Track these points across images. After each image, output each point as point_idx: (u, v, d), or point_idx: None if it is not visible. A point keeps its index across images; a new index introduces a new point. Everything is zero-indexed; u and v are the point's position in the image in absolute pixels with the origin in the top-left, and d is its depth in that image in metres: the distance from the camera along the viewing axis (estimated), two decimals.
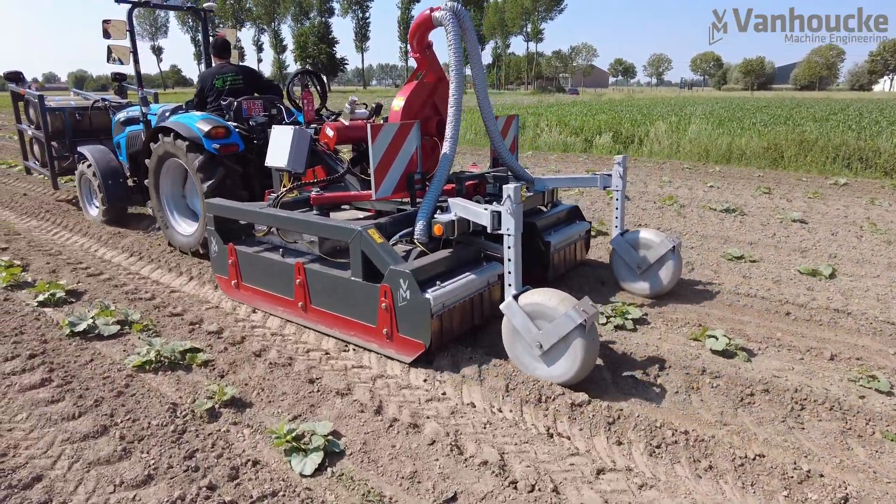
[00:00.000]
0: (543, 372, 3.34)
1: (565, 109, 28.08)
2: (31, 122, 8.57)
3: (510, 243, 3.31)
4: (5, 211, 8.47)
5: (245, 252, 4.63)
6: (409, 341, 3.60)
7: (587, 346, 3.15)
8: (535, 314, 3.29)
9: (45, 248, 6.43)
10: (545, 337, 3.23)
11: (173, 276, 5.53)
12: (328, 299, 4.05)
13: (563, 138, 17.05)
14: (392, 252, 3.67)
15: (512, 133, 5.34)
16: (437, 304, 3.49)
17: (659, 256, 4.67)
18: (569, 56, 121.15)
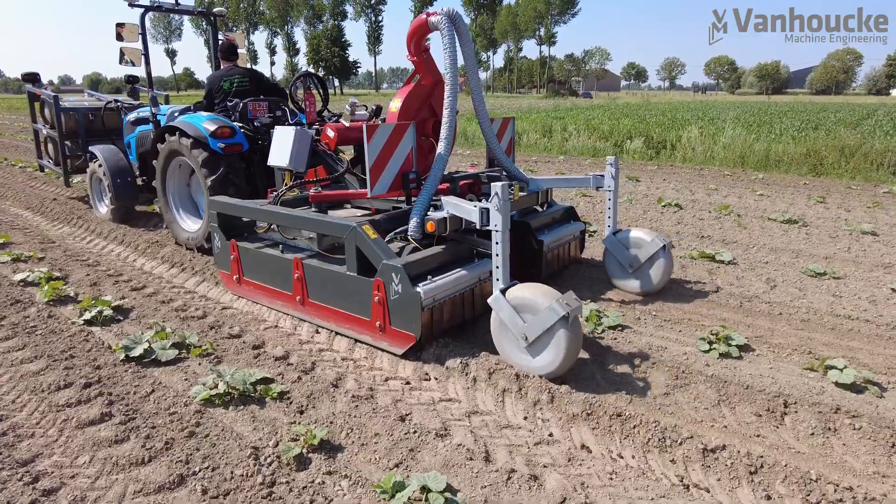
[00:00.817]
0: (529, 363, 3.41)
1: (587, 113, 27.70)
2: (46, 121, 8.77)
3: (498, 239, 3.39)
4: (36, 216, 8.19)
5: (246, 248, 4.77)
6: (401, 333, 3.71)
7: (570, 338, 3.22)
8: (521, 307, 3.37)
9: (83, 257, 6.11)
10: (530, 329, 3.31)
11: (220, 290, 5.17)
12: (324, 293, 4.19)
13: (593, 143, 16.66)
14: (385, 247, 3.79)
15: (508, 135, 5.44)
16: (428, 298, 3.59)
17: (650, 255, 4.74)
18: (582, 60, 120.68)
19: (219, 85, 6.28)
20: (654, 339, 4.09)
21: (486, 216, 3.44)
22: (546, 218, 5.30)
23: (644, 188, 10.49)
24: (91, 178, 7.84)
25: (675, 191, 10.33)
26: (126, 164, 7.38)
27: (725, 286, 5.26)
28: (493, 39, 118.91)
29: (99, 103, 8.72)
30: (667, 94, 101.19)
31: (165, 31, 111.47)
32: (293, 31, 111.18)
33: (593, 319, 4.24)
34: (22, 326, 4.22)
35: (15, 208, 8.61)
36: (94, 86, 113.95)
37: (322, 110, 6.35)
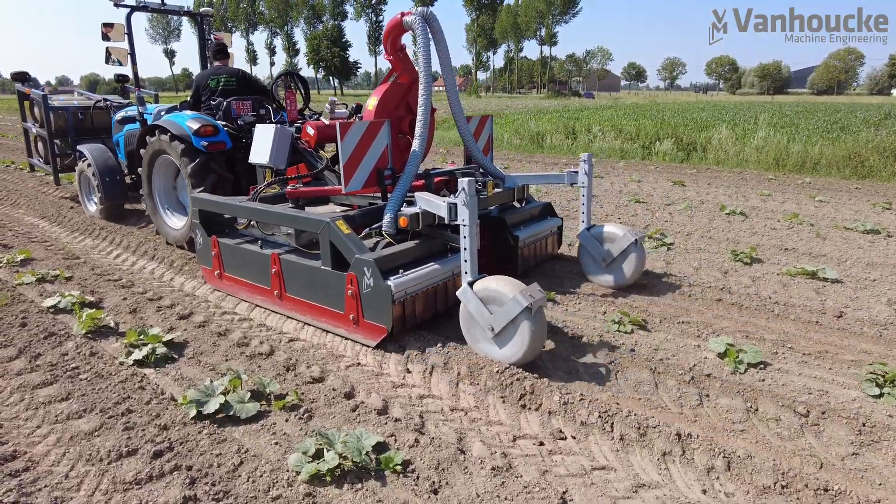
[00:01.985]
0: (496, 353, 3.50)
1: (599, 114, 27.15)
2: (36, 120, 8.84)
3: (465, 233, 3.47)
4: (54, 226, 7.55)
5: (227, 244, 4.84)
6: (374, 326, 3.81)
7: (533, 328, 3.30)
8: (488, 299, 3.45)
9: (113, 276, 5.45)
10: (496, 320, 3.41)
11: (279, 318, 4.50)
12: (301, 288, 4.28)
13: (620, 144, 16.07)
14: (358, 242, 3.87)
15: (486, 133, 5.50)
16: (399, 291, 3.70)
17: (622, 249, 4.80)
18: (583, 60, 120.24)
19: (206, 83, 6.35)
20: (807, 381, 3.49)
21: (454, 211, 3.53)
22: (524, 214, 5.39)
23: (693, 193, 9.90)
24: (80, 176, 7.87)
25: (728, 196, 9.73)
26: (114, 163, 7.43)
27: (849, 311, 4.66)
28: (494, 39, 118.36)
29: (88, 102, 8.75)
30: (668, 95, 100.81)
31: (164, 31, 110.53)
32: (293, 31, 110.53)
33: (732, 357, 3.69)
34: (62, 368, 3.57)
35: (30, 217, 7.95)
36: (91, 86, 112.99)
37: (303, 109, 6.46)
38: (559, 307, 4.66)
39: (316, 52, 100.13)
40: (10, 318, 4.28)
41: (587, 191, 4.92)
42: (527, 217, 5.43)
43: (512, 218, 5.18)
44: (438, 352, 3.71)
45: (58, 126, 8.35)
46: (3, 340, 3.91)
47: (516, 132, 18.30)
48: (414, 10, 4.23)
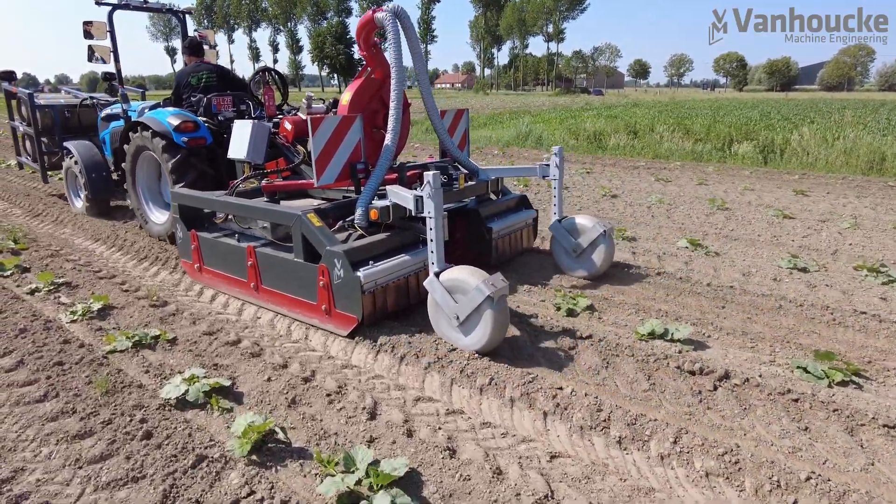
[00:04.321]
0: (462, 341, 3.60)
1: (634, 112, 26.06)
2: (24, 118, 8.84)
3: (431, 225, 3.55)
4: (116, 252, 6.55)
5: (206, 238, 4.90)
6: (345, 316, 3.87)
7: (496, 316, 3.40)
8: (453, 289, 3.54)
9: (228, 335, 4.46)
10: (461, 309, 3.50)
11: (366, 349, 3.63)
12: (276, 280, 4.33)
13: (691, 146, 14.88)
14: (328, 234, 3.94)
15: (462, 127, 5.53)
16: (369, 282, 3.77)
17: (592, 240, 4.87)
18: (591, 57, 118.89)
19: (186, 81, 6.37)
20: None
21: (420, 204, 3.58)
22: (499, 206, 5.42)
23: (826, 206, 8.72)
24: (67, 173, 7.90)
25: (872, 208, 8.56)
26: (101, 160, 7.47)
27: None
28: (499, 36, 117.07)
29: (75, 101, 8.72)
30: (678, 92, 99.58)
31: (165, 28, 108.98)
32: (296, 28, 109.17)
33: None
34: None
35: (80, 239, 6.76)
36: (92, 85, 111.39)
37: (282, 104, 6.49)
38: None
39: (320, 49, 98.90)
40: (124, 419, 2.86)
41: (558, 183, 5.01)
42: (502, 209, 5.45)
43: (486, 210, 5.20)
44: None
45: (44, 124, 8.37)
46: (136, 473, 2.50)
47: (570, 132, 17.10)
48: (386, 7, 4.25)
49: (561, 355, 3.62)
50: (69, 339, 3.87)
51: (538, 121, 22.26)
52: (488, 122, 24.70)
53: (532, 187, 9.85)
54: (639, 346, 3.70)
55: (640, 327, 3.90)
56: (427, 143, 17.17)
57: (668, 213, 7.69)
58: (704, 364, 3.42)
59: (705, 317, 4.25)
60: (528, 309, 4.32)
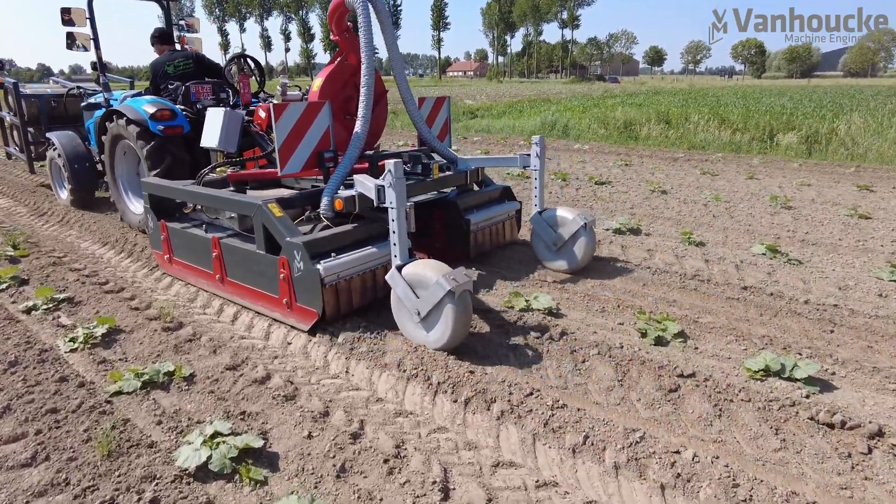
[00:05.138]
0: (423, 338, 3.45)
1: (658, 100, 25.18)
2: (11, 108, 8.69)
3: (394, 216, 3.41)
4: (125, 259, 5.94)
5: (174, 228, 4.77)
6: (306, 310, 3.75)
7: (456, 312, 3.24)
8: (415, 283, 3.39)
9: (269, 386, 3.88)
10: (422, 304, 3.35)
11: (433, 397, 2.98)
12: (240, 272, 4.21)
13: (728, 136, 14.06)
14: (289, 225, 3.79)
15: (443, 115, 5.40)
16: (330, 275, 3.63)
17: (572, 233, 4.67)
18: (606, 43, 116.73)
19: (163, 70, 6.23)
20: None
21: (382, 193, 3.44)
22: (480, 197, 5.23)
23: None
24: (51, 164, 7.80)
25: None
26: (84, 150, 7.33)
27: None
28: (512, 23, 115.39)
29: (62, 90, 8.58)
30: (695, 79, 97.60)
31: (177, 17, 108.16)
32: (308, 16, 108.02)
33: None
34: None
35: (86, 243, 6.16)
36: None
37: (258, 92, 6.37)
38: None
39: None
40: (130, 498, 2.25)
41: (539, 174, 4.79)
42: (483, 201, 5.24)
43: (465, 202, 5.02)
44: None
45: (31, 114, 8.26)
46: None
47: (599, 121, 16.30)
48: None
49: (663, 401, 2.96)
50: (67, 375, 3.26)
51: (561, 109, 21.44)
52: (508, 110, 23.91)
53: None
54: (753, 387, 3.04)
55: (750, 362, 3.22)
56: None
57: (729, 213, 6.96)
58: (844, 414, 2.77)
59: (816, 345, 3.57)
60: (608, 336, 3.65)
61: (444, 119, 5.41)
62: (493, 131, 17.43)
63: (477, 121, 20.30)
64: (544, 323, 3.77)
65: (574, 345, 3.49)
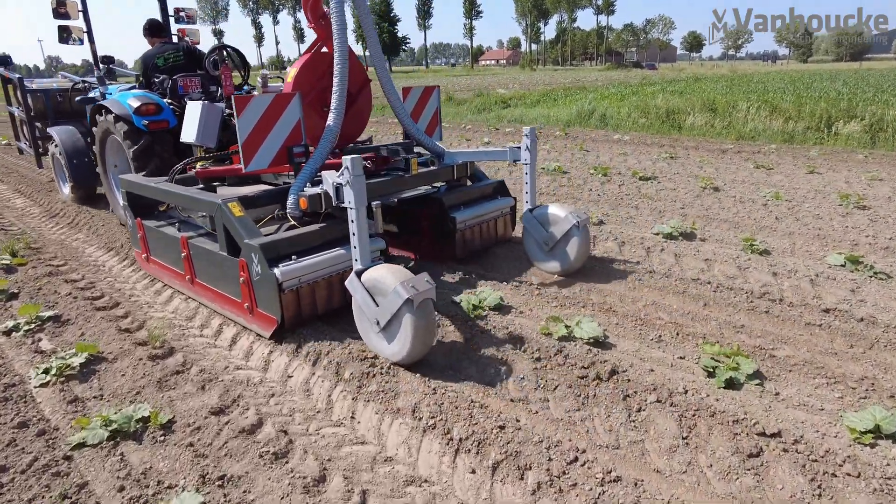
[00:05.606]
0: (384, 349, 3.21)
1: (700, 87, 24.03)
2: (20, 104, 8.55)
3: (353, 217, 3.20)
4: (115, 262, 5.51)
5: (150, 226, 4.66)
6: (266, 316, 3.59)
7: (416, 323, 2.98)
8: (375, 290, 3.17)
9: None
10: (381, 313, 3.13)
11: None
12: (207, 273, 4.07)
13: (780, 125, 13.04)
14: (249, 226, 3.63)
15: (432, 106, 5.14)
16: (290, 280, 3.44)
17: (564, 232, 4.35)
18: (642, 29, 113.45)
19: (153, 62, 6.06)
20: None
21: (341, 192, 3.22)
22: (470, 194, 4.98)
23: None
24: (53, 159, 7.80)
25: None
26: (83, 145, 7.19)
27: None
28: (545, 10, 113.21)
29: (69, 84, 8.43)
30: (736, 65, 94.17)
31: (212, 11, 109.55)
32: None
33: None
34: None
35: (92, 248, 5.70)
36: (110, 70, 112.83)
37: (242, 84, 6.20)
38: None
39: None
40: None
41: (531, 168, 4.46)
42: (474, 197, 4.99)
43: (453, 198, 4.78)
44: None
45: (37, 109, 8.14)
46: None
47: (639, 110, 15.41)
48: None
49: (742, 470, 2.34)
50: (29, 419, 2.81)
51: (598, 97, 20.52)
52: (542, 99, 23.07)
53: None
54: (862, 455, 2.40)
55: (853, 418, 2.57)
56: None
57: (794, 214, 6.19)
58: None
59: None
60: (667, 375, 3.02)
61: (433, 110, 5.15)
62: (527, 121, 16.70)
63: (510, 110, 19.57)
64: (590, 357, 3.17)
65: (627, 387, 2.89)
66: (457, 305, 3.88)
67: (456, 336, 3.50)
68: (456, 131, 14.96)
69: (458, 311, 3.81)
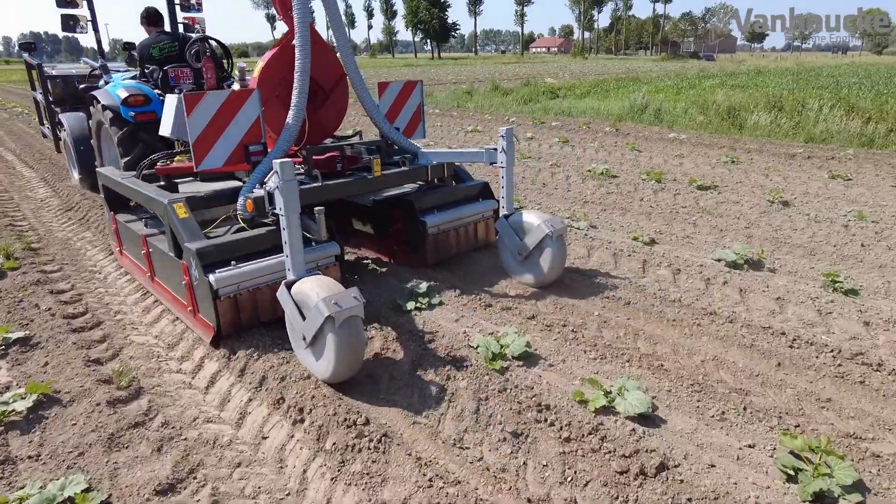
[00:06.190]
0: (313, 366, 3.07)
1: (763, 81, 22.50)
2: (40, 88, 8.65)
3: (284, 224, 3.04)
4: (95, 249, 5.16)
5: (121, 221, 4.61)
6: (205, 322, 3.53)
7: (338, 342, 2.83)
8: (302, 304, 3.02)
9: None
10: (308, 329, 2.98)
11: None
12: (162, 272, 4.04)
13: (859, 127, 11.80)
14: (191, 228, 3.53)
15: (414, 102, 4.91)
16: (226, 286, 3.37)
17: (537, 242, 4.10)
18: (702, 19, 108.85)
19: (148, 53, 5.92)
20: None
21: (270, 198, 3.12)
22: (446, 196, 4.73)
23: None
24: (63, 145, 7.77)
25: None
26: (89, 133, 6.83)
27: None
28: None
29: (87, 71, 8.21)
30: (803, 57, 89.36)
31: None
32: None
33: None
34: None
35: (94, 249, 5.34)
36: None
37: (224, 76, 5.90)
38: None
39: (414, 13, 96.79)
40: None
41: (507, 171, 4.15)
42: (452, 199, 4.78)
43: (425, 200, 4.58)
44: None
45: (56, 94, 8.07)
46: None
47: (697, 105, 14.32)
48: None
49: None
50: None
51: (652, 90, 19.38)
52: (592, 90, 22.03)
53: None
54: None
55: None
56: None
57: (883, 240, 5.28)
58: None
59: None
60: (731, 472, 2.33)
61: (415, 106, 4.92)
62: (575, 114, 15.82)
63: (557, 102, 18.65)
64: (633, 440, 2.51)
65: (679, 491, 2.22)
66: (473, 350, 3.27)
67: (467, 396, 2.89)
68: (497, 125, 14.21)
69: (475, 358, 3.19)
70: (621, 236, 5.42)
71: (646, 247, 5.07)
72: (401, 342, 3.45)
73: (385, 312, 3.89)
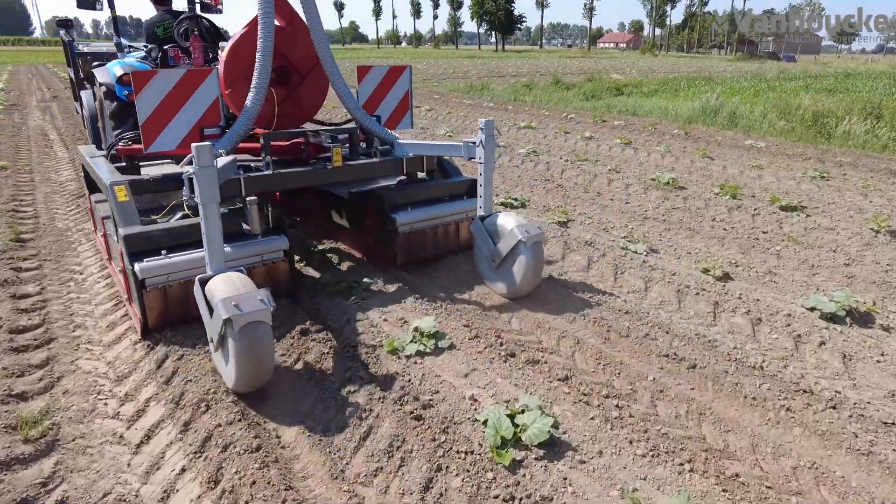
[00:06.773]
0: (223, 372, 2.84)
1: (854, 84, 20.50)
2: None
3: (203, 214, 2.83)
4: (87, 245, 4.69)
5: (94, 201, 4.42)
6: (136, 313, 3.34)
7: (238, 349, 2.57)
8: (211, 303, 2.78)
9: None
10: (212, 330, 2.80)
11: None
12: (114, 255, 3.84)
13: None
14: (127, 213, 3.35)
15: (401, 89, 4.66)
16: (153, 277, 3.18)
17: (510, 248, 3.78)
18: (786, 16, 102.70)
19: (153, 32, 5.72)
20: None
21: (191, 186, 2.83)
22: (423, 192, 4.42)
23: None
24: (85, 122, 7.57)
25: None
26: None
27: None
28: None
29: None
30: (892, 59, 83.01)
31: None
32: None
33: None
34: None
35: (86, 245, 4.85)
36: None
37: (214, 58, 5.44)
38: None
39: (480, 4, 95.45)
40: None
41: (486, 168, 3.78)
42: (431, 196, 4.41)
43: (397, 196, 4.24)
44: None
45: (85, 71, 7.73)
46: None
47: (778, 109, 12.91)
48: None
49: None
50: None
51: (726, 91, 17.86)
52: (661, 88, 20.63)
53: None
54: None
55: None
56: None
57: None
58: None
59: None
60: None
61: (401, 93, 4.66)
62: (641, 114, 14.63)
63: (622, 99, 17.45)
64: None
65: None
66: (481, 426, 2.47)
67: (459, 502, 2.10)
68: (554, 122, 13.21)
69: (481, 440, 2.39)
70: (687, 266, 4.48)
71: (718, 283, 4.12)
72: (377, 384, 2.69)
73: None
